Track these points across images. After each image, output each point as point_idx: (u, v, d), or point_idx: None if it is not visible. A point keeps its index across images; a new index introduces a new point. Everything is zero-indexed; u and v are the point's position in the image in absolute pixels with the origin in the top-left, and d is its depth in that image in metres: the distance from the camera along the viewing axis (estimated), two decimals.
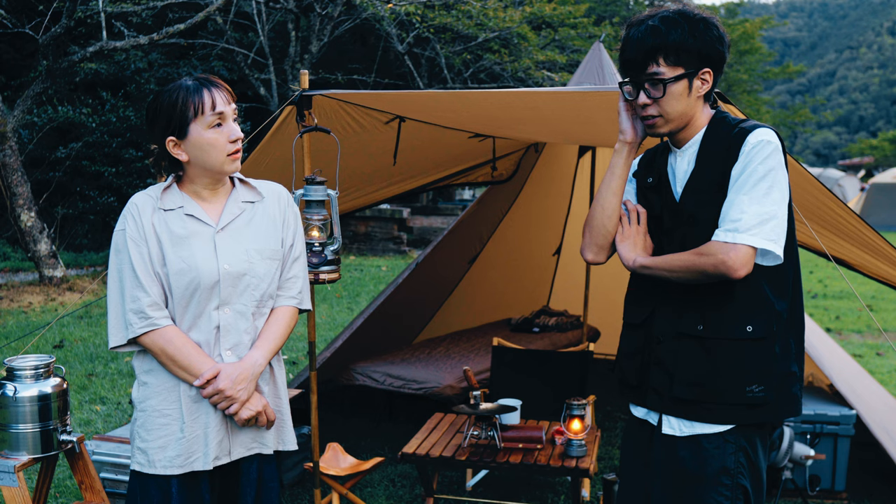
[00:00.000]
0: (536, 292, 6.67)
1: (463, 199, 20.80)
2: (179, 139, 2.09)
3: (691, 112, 2.00)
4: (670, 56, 1.94)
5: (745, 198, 1.88)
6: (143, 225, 2.11)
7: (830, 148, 73.96)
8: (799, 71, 34.82)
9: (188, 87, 2.08)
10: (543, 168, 5.85)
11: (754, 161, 1.89)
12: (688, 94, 1.97)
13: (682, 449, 2.01)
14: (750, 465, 2.00)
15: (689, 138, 2.05)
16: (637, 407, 2.16)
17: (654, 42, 1.94)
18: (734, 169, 1.92)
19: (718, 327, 1.96)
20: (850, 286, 3.53)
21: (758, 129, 1.93)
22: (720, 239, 1.89)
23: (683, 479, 2.01)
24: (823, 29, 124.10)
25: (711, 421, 1.98)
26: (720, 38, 1.96)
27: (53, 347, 7.06)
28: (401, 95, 3.53)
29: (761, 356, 1.95)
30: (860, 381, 4.58)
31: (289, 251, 2.26)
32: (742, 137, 1.93)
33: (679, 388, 1.99)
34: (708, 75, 1.97)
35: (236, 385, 2.09)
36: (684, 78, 1.95)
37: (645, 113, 2.02)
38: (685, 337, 1.99)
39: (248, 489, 2.21)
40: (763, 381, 1.96)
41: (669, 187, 2.08)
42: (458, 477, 4.27)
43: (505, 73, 17.65)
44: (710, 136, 2.02)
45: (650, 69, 1.96)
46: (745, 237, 1.86)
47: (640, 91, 2.00)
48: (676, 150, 2.08)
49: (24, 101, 10.11)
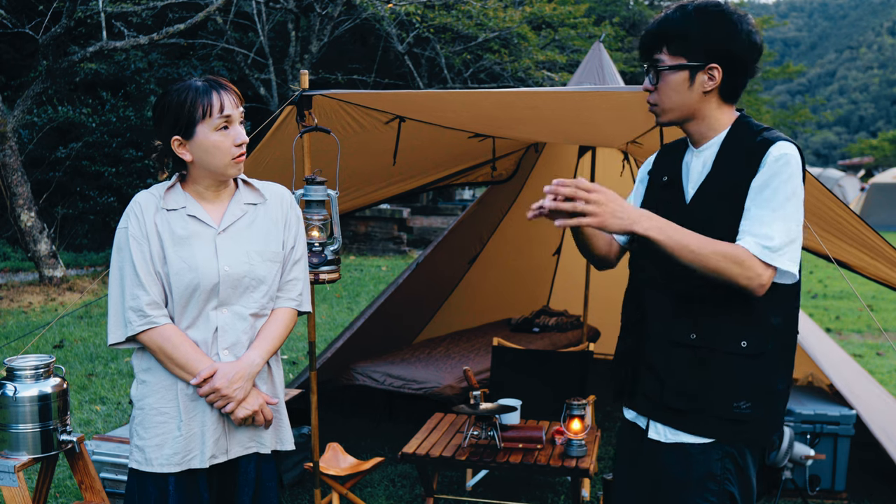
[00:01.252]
0: (536, 292, 6.67)
1: (463, 199, 20.80)
2: (185, 139, 2.09)
3: (693, 106, 1.94)
4: (672, 45, 1.90)
5: (774, 215, 1.82)
6: (145, 224, 2.11)
7: (830, 148, 73.97)
8: (799, 71, 34.81)
9: (198, 87, 2.08)
10: (543, 168, 5.85)
11: (780, 176, 1.83)
12: (688, 86, 1.91)
13: (668, 454, 1.98)
14: (738, 470, 1.95)
15: (708, 138, 1.98)
16: (628, 409, 2.13)
17: (660, 29, 1.92)
18: (756, 179, 1.85)
19: (712, 338, 1.91)
20: (850, 286, 3.53)
21: (781, 142, 1.86)
22: (759, 256, 1.80)
23: (669, 483, 1.98)
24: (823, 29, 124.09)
25: (695, 433, 1.94)
26: (736, 35, 1.88)
27: (53, 347, 7.06)
28: (401, 95, 3.53)
29: (753, 373, 1.91)
30: (860, 381, 4.58)
31: (290, 253, 2.26)
32: (765, 148, 1.86)
33: (668, 395, 1.96)
34: (716, 72, 1.89)
35: (232, 384, 2.10)
36: (685, 69, 1.90)
37: (647, 99, 2.00)
38: (677, 345, 1.94)
39: (246, 488, 2.22)
40: (752, 397, 1.91)
41: (681, 187, 2.02)
42: (458, 477, 4.27)
43: (505, 73, 17.65)
44: (732, 139, 1.94)
45: (654, 56, 1.94)
46: (775, 258, 1.81)
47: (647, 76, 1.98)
48: (694, 150, 2.02)
49: (24, 101, 10.11)
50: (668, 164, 2.09)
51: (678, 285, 1.95)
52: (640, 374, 2.04)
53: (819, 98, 60.69)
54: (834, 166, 48.16)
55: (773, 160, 1.84)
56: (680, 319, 1.95)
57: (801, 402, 4.11)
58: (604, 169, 5.52)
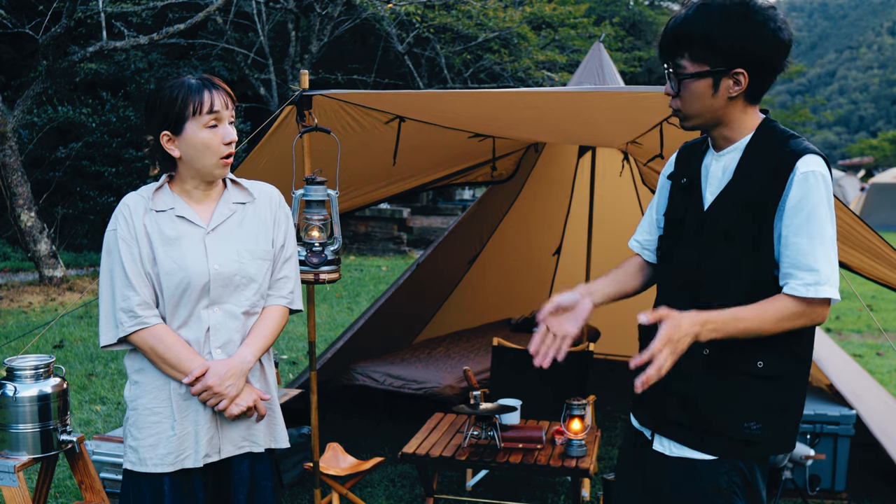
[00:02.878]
0: (536, 292, 6.66)
1: (463, 199, 20.80)
2: (174, 135, 2.11)
3: (718, 112, 1.84)
4: (694, 50, 1.79)
5: (814, 242, 1.76)
6: (134, 225, 2.12)
7: (830, 148, 74.02)
8: (799, 71, 34.86)
9: (190, 85, 2.10)
10: (543, 168, 5.85)
11: (812, 197, 1.76)
12: (712, 93, 1.81)
13: (672, 466, 1.92)
14: (745, 483, 1.87)
15: (731, 142, 1.88)
16: (634, 418, 2.10)
17: (681, 31, 1.80)
18: (790, 201, 1.77)
19: (726, 356, 1.82)
20: (850, 286, 3.53)
21: (808, 156, 1.78)
22: (813, 296, 1.75)
23: (672, 495, 1.93)
24: (823, 29, 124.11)
25: (700, 449, 1.88)
26: (763, 36, 1.76)
27: (53, 347, 7.06)
28: (401, 95, 3.53)
29: (767, 394, 1.84)
30: (860, 381, 4.58)
31: (280, 251, 2.27)
32: (793, 161, 1.77)
33: (675, 409, 1.90)
34: (742, 76, 1.79)
35: (224, 382, 2.11)
36: (708, 77, 1.79)
37: (670, 104, 1.91)
38: (689, 359, 1.78)
39: (241, 487, 2.22)
40: (763, 419, 1.84)
41: (700, 191, 1.92)
42: (458, 477, 4.27)
43: (505, 73, 17.65)
44: (756, 146, 1.84)
45: (676, 60, 1.83)
46: (827, 290, 1.75)
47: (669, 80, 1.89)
48: (714, 153, 1.92)
49: (24, 101, 10.12)
50: (688, 165, 2.01)
51: (695, 293, 1.87)
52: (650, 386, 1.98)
53: (819, 98, 60.60)
54: (834, 166, 48.10)
55: (803, 179, 1.76)
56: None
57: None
58: (604, 169, 5.51)
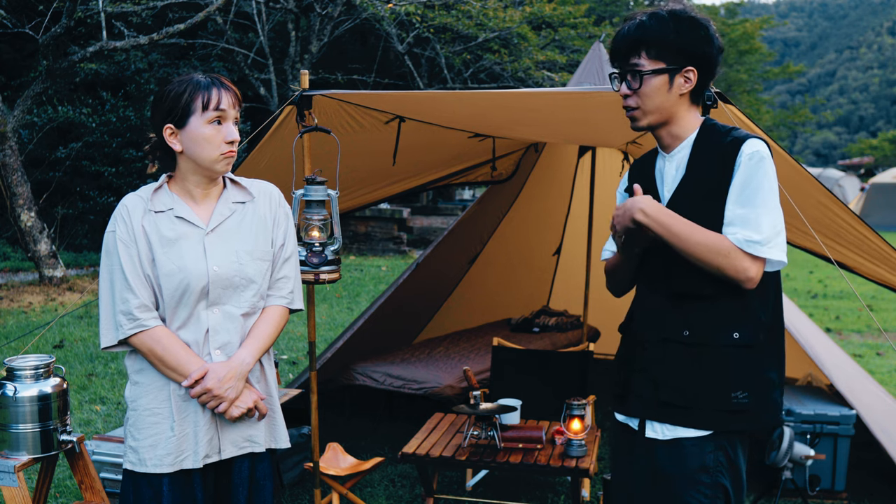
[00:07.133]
0: (536, 292, 6.67)
1: (463, 199, 20.81)
2: (178, 128, 2.11)
3: (671, 109, 2.02)
4: (652, 50, 1.98)
5: (758, 211, 1.91)
6: (133, 227, 2.12)
7: (830, 148, 74.00)
8: (799, 71, 34.84)
9: (199, 81, 2.12)
10: (543, 168, 5.85)
11: (758, 173, 1.93)
12: (668, 89, 2.00)
13: (662, 450, 2.03)
14: (729, 463, 2.01)
15: (679, 140, 2.06)
16: (619, 413, 2.19)
17: (638, 35, 2.00)
18: (736, 179, 1.94)
19: (705, 333, 1.98)
20: (850, 286, 3.53)
21: (751, 140, 1.96)
22: (746, 250, 1.90)
23: (663, 479, 2.03)
24: (823, 29, 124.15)
25: (694, 426, 1.99)
26: (708, 38, 1.99)
27: (53, 347, 7.06)
28: (401, 95, 3.53)
29: (747, 363, 1.97)
30: (860, 381, 4.57)
31: (279, 251, 2.27)
32: (737, 146, 1.96)
33: (664, 392, 2.01)
34: (692, 74, 1.99)
35: (224, 384, 2.10)
36: (664, 73, 1.99)
37: (625, 104, 2.08)
38: (671, 342, 2.01)
39: (241, 488, 2.22)
40: (748, 387, 1.97)
41: (656, 192, 2.10)
42: (458, 477, 4.27)
43: (505, 73, 17.66)
44: (702, 142, 2.03)
45: (632, 60, 2.01)
46: (765, 250, 1.90)
47: (623, 82, 2.06)
48: (665, 155, 2.10)
49: (24, 101, 10.11)
50: (641, 174, 2.18)
51: (671, 282, 2.03)
52: (633, 376, 2.10)
53: (819, 98, 60.66)
54: (834, 166, 48.13)
55: (748, 158, 1.94)
56: (672, 317, 2.02)
57: (801, 402, 4.11)
58: (604, 169, 5.52)
